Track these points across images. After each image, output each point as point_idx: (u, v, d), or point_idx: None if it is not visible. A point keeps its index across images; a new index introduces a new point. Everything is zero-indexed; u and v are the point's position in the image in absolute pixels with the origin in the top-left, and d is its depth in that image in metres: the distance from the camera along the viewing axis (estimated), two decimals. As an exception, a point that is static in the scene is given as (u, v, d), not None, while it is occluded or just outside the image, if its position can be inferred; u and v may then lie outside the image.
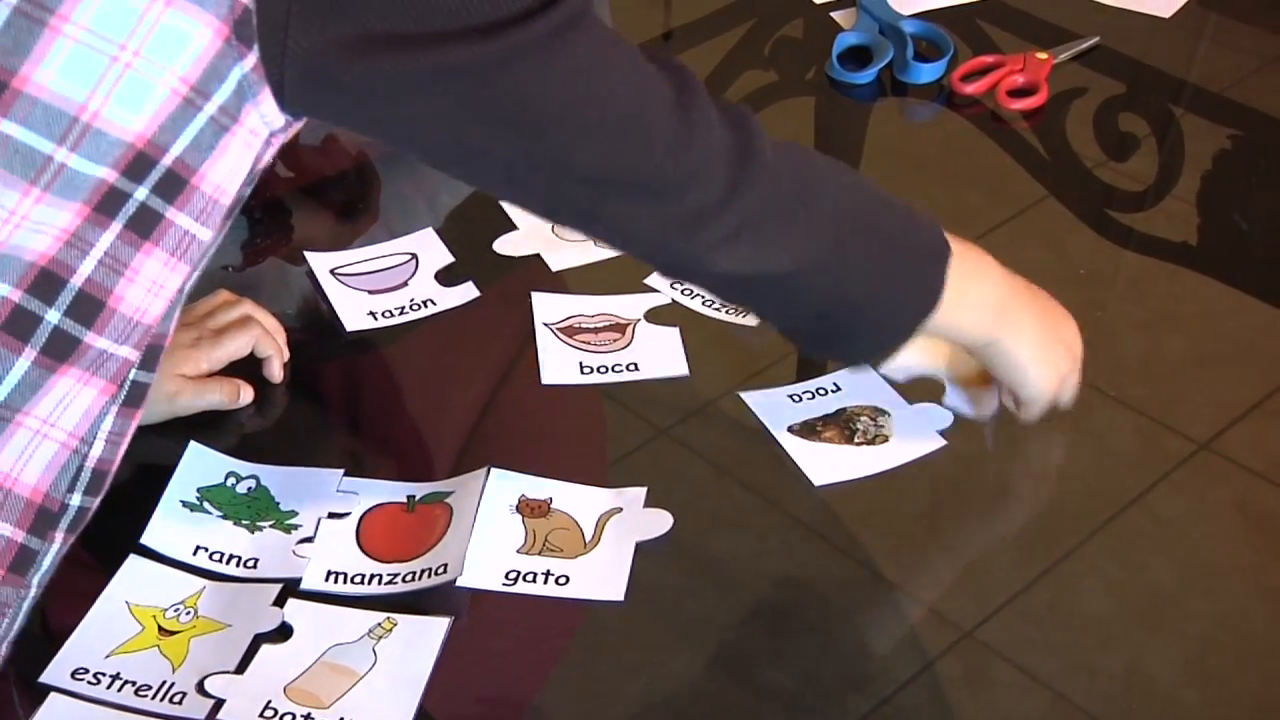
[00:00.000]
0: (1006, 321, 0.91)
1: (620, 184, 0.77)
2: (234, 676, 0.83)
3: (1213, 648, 0.87)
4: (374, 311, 1.10)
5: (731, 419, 1.02)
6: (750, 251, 0.81)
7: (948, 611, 0.89)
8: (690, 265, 0.82)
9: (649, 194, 0.77)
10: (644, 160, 0.76)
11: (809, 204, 0.82)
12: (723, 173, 0.78)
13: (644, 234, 0.80)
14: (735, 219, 0.79)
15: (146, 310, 0.74)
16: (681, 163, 0.77)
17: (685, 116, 0.77)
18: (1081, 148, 1.30)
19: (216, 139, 0.70)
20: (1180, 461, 0.99)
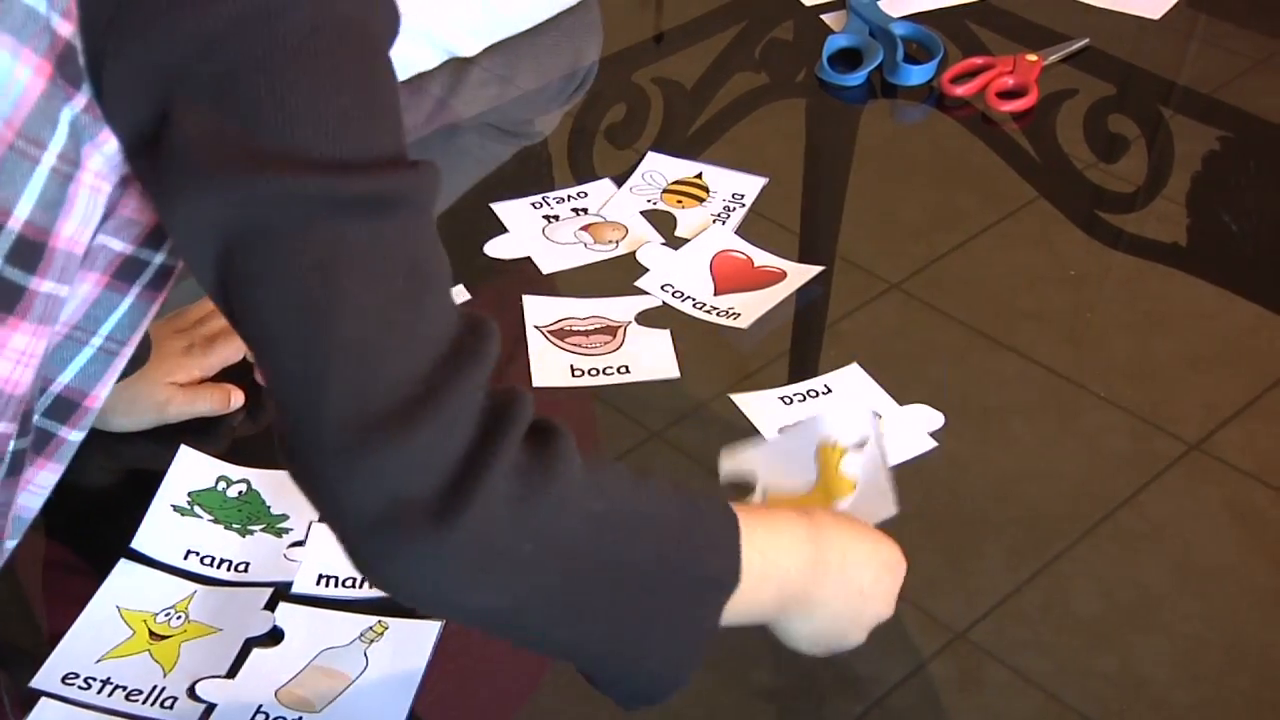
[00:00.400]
0: (790, 613, 0.77)
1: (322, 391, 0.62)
2: (225, 681, 0.83)
3: (1204, 648, 0.87)
4: (365, 314, 1.09)
5: (723, 421, 1.02)
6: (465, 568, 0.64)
7: (940, 613, 0.89)
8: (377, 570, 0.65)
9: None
10: (361, 386, 0.62)
11: (535, 543, 0.64)
12: (434, 477, 0.61)
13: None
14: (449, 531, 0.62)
15: (18, 382, 0.69)
16: (397, 429, 0.61)
17: (432, 381, 0.62)
18: (1071, 149, 1.31)
19: (63, 191, 0.65)
20: (1171, 462, 0.99)
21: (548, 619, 0.68)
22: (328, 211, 0.62)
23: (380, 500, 0.61)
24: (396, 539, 0.62)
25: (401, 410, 0.61)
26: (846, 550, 0.78)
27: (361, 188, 0.63)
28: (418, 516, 0.61)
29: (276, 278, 0.62)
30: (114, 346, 0.75)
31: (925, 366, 1.06)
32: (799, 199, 1.26)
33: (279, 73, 0.62)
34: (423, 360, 0.62)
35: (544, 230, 1.18)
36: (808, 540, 0.76)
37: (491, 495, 0.62)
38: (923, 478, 0.97)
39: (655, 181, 1.24)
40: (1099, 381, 1.05)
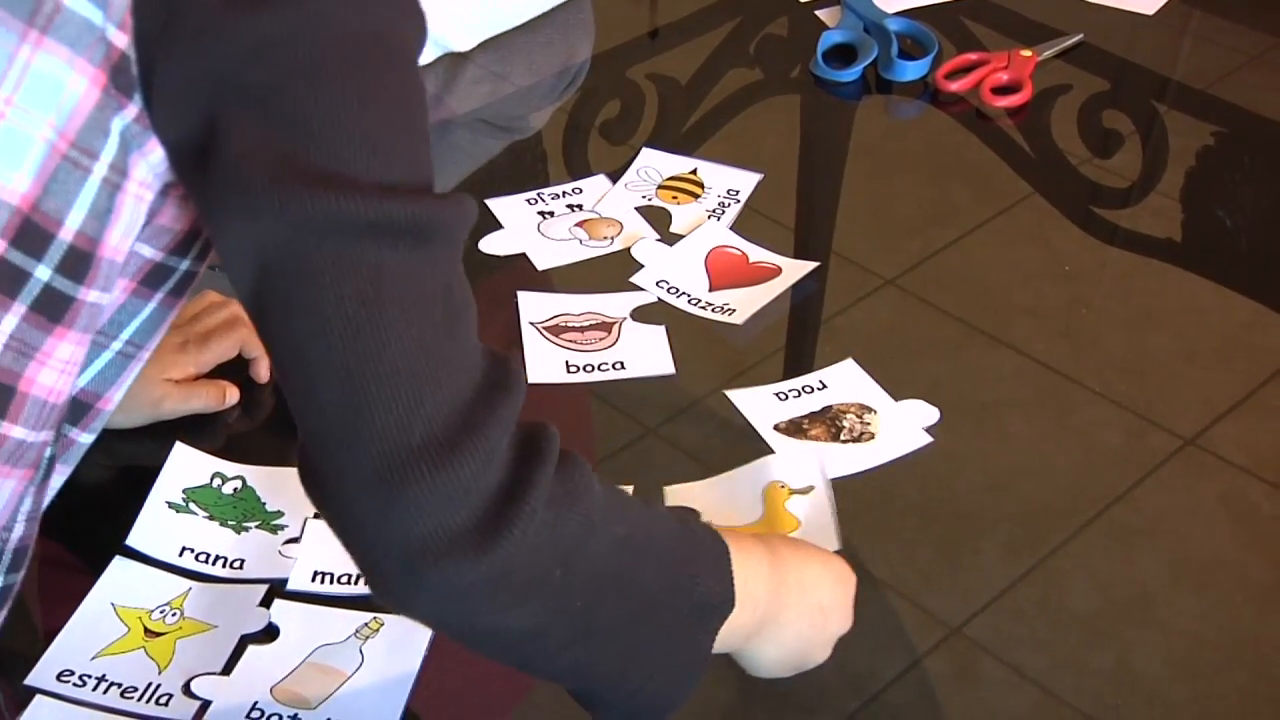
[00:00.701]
0: (756, 638, 0.78)
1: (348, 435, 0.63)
2: (220, 677, 0.83)
3: (1200, 643, 0.87)
4: (359, 311, 1.09)
5: (718, 417, 1.01)
6: (483, 599, 0.65)
7: (936, 608, 0.89)
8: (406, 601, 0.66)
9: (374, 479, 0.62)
10: (390, 427, 0.62)
11: (561, 564, 0.66)
12: (474, 507, 0.62)
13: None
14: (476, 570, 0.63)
15: (61, 391, 0.70)
16: (431, 466, 0.61)
17: (471, 412, 0.62)
18: (1066, 145, 1.31)
19: (112, 200, 0.66)
20: (1167, 457, 0.99)
21: (566, 641, 0.69)
22: (372, 238, 0.62)
23: (421, 531, 0.61)
24: (436, 569, 0.62)
25: (444, 441, 0.61)
26: (803, 570, 0.80)
27: (406, 214, 0.62)
28: (460, 547, 0.61)
29: (317, 305, 0.62)
30: (132, 350, 0.75)
31: (920, 362, 1.06)
32: (794, 195, 1.26)
33: (327, 84, 0.62)
34: (462, 392, 0.63)
35: (539, 226, 1.18)
36: (769, 564, 0.77)
37: (530, 524, 0.63)
38: (918, 473, 0.97)
39: (650, 177, 1.24)
40: (1094, 377, 1.05)
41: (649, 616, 0.71)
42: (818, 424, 1.00)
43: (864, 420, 1.00)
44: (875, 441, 0.98)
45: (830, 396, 1.02)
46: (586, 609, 0.68)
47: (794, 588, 0.78)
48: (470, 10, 1.36)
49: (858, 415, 1.00)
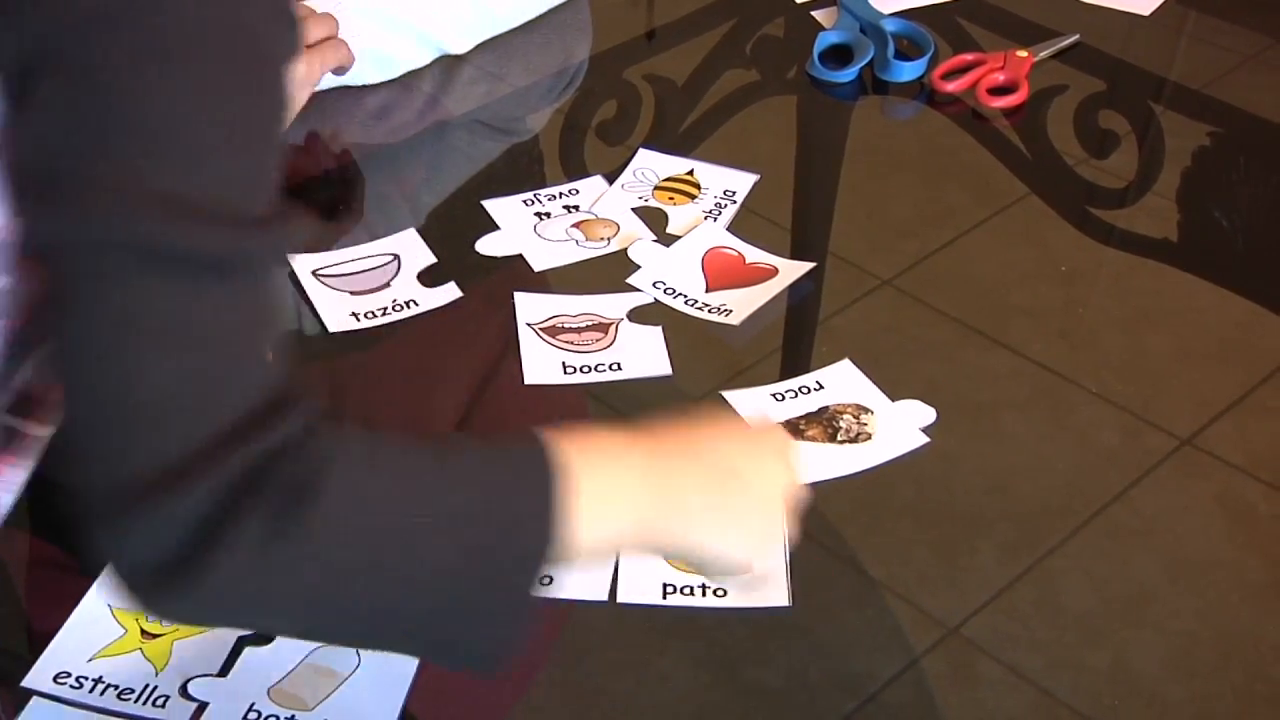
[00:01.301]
0: (663, 529, 0.73)
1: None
2: (217, 679, 0.82)
3: (1196, 643, 0.87)
4: (356, 312, 1.09)
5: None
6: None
7: (932, 609, 0.89)
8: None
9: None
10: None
11: (322, 589, 0.63)
12: (171, 546, 0.60)
13: None
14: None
15: None
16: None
17: (215, 452, 0.60)
18: (1062, 145, 1.31)
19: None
20: (1163, 458, 0.99)
21: (347, 632, 0.68)
22: (147, 265, 0.58)
23: (130, 560, 0.60)
24: (151, 598, 0.61)
25: (160, 480, 0.59)
26: (693, 445, 0.75)
27: (194, 244, 0.59)
28: (166, 578, 0.60)
29: (80, 323, 0.60)
30: None
31: (917, 362, 1.06)
32: (790, 195, 1.26)
33: (151, 70, 0.58)
34: (198, 436, 0.60)
35: (535, 227, 1.18)
36: (643, 456, 0.72)
37: (227, 554, 0.59)
38: (914, 474, 0.97)
39: (647, 178, 1.24)
40: (1091, 377, 1.05)
41: (447, 591, 0.66)
42: (814, 425, 1.00)
43: (861, 421, 1.00)
44: (872, 442, 0.98)
45: (827, 397, 1.02)
46: (356, 607, 0.64)
47: (685, 467, 0.73)
48: (467, 12, 1.36)
49: (854, 416, 1.00)
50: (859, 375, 1.03)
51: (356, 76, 1.28)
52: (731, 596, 0.87)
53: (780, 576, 0.89)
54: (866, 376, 1.03)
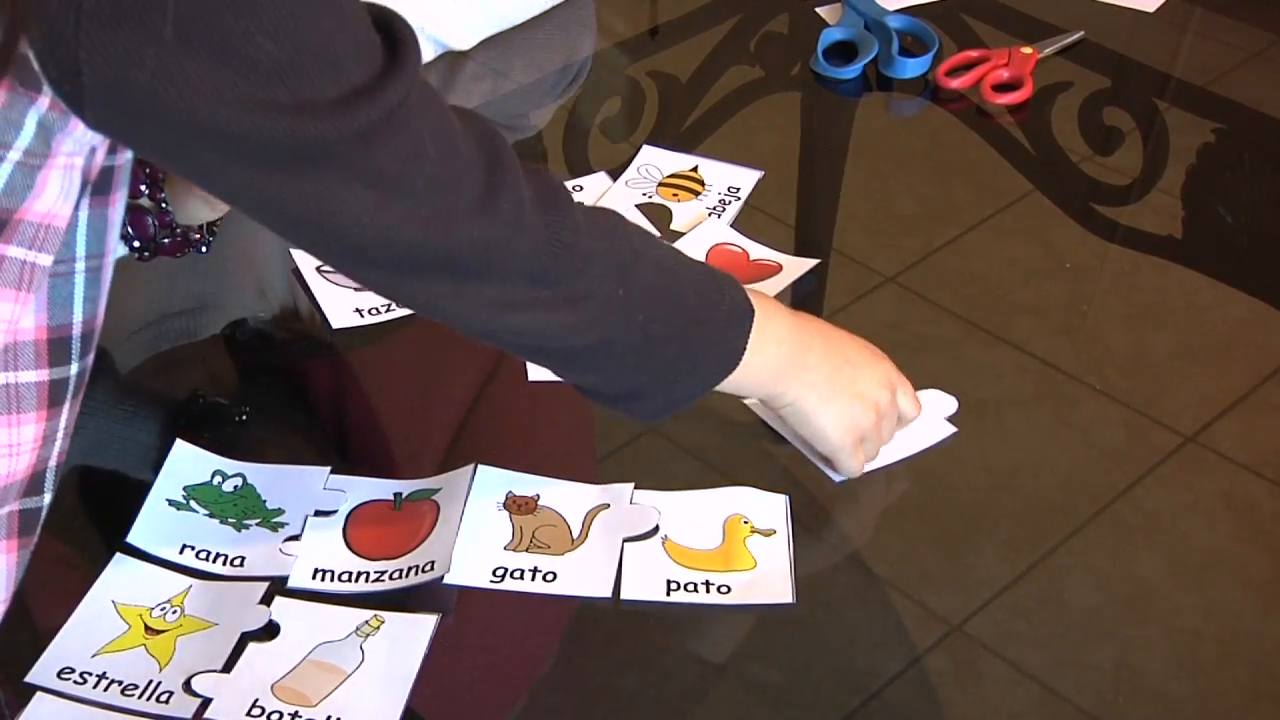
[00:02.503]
0: (790, 380, 0.91)
1: (419, 266, 0.75)
2: (221, 675, 0.83)
3: (1200, 640, 0.87)
4: (360, 308, 1.09)
5: (718, 415, 1.01)
6: (558, 330, 0.81)
7: (935, 606, 0.89)
8: (494, 335, 0.81)
9: (451, 276, 0.76)
10: (443, 246, 0.74)
11: (620, 285, 0.81)
12: (531, 261, 0.77)
13: (449, 311, 0.79)
14: (543, 306, 0.79)
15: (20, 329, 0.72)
16: (486, 253, 0.75)
17: (493, 205, 0.74)
18: (1067, 142, 1.31)
19: (31, 178, 0.67)
20: (1167, 455, 0.99)
21: (627, 349, 0.84)
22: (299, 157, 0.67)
23: None
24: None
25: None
26: (822, 329, 0.94)
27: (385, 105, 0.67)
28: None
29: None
30: (96, 264, 0.75)
31: (921, 359, 1.06)
32: (794, 192, 1.25)
33: None
34: (478, 181, 0.74)
35: (539, 224, 1.17)
36: (787, 312, 0.91)
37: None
38: (918, 471, 0.97)
39: (651, 175, 1.24)
40: (1095, 374, 1.05)
41: (693, 319, 0.85)
42: None
43: None
44: (899, 435, 0.98)
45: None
46: (646, 319, 0.82)
47: (816, 343, 0.92)
48: (471, 8, 1.36)
49: None
50: None
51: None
52: (735, 594, 0.87)
53: (785, 574, 0.89)
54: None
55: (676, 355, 0.85)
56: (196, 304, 1.12)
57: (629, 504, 0.93)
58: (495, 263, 0.75)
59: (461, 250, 0.74)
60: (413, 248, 0.73)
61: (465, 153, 0.74)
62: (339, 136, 0.67)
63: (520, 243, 0.76)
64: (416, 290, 0.77)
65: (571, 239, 0.78)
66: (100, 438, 1.00)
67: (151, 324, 1.11)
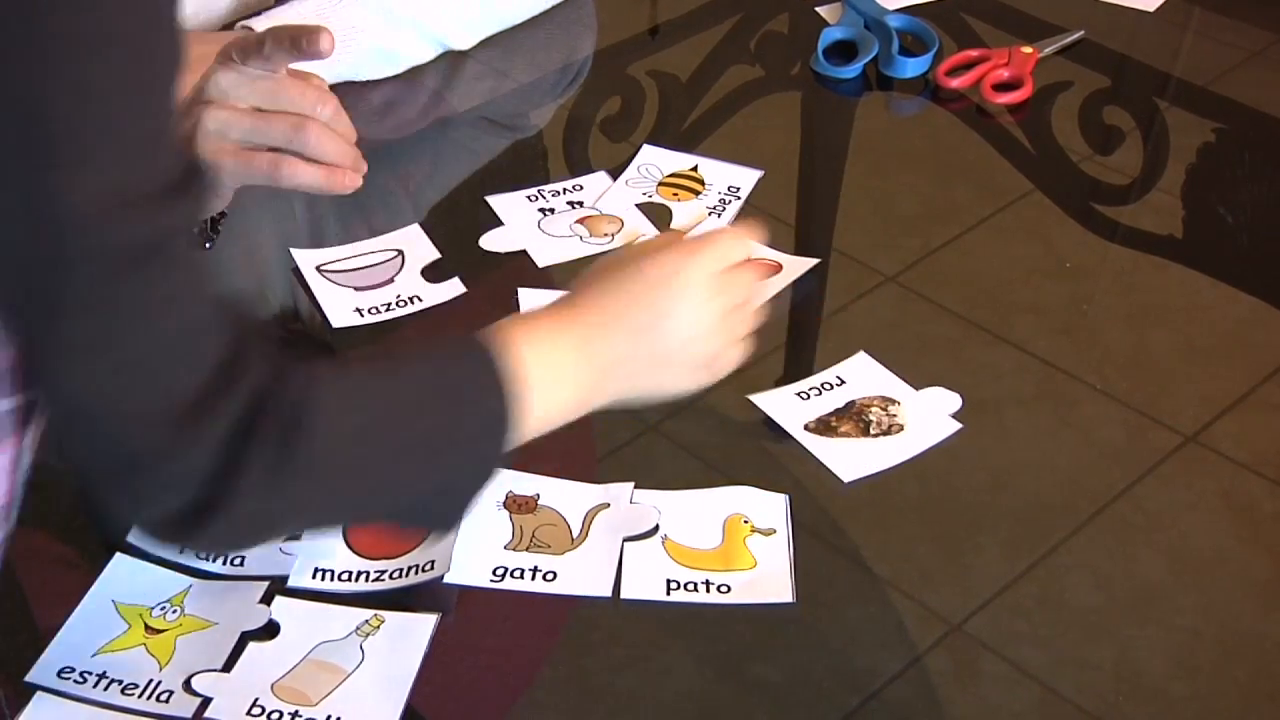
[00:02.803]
0: (604, 392, 0.84)
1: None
2: (221, 674, 0.83)
3: (1200, 640, 0.87)
4: (360, 308, 1.09)
5: (718, 414, 1.01)
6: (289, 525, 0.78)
7: (936, 605, 0.89)
8: None
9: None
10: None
11: (326, 488, 0.72)
12: (188, 495, 0.66)
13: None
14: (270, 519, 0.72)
15: None
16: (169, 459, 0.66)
17: (193, 408, 0.65)
18: (1067, 141, 1.31)
19: None
20: (1167, 454, 0.99)
21: (344, 521, 0.85)
22: (93, 264, 0.61)
23: (149, 516, 0.69)
24: (182, 536, 0.71)
25: (164, 440, 0.65)
26: (617, 306, 0.84)
27: (124, 233, 0.62)
28: (190, 522, 0.67)
29: (59, 298, 0.63)
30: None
31: (922, 359, 1.06)
32: (794, 192, 1.25)
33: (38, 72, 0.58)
34: (184, 396, 0.65)
35: (539, 223, 1.17)
36: (578, 335, 0.82)
37: (240, 493, 0.66)
38: (919, 470, 0.97)
39: (651, 174, 1.24)
40: (1095, 374, 1.05)
41: (429, 461, 0.76)
42: (845, 421, 0.99)
43: (889, 412, 1.00)
44: (905, 433, 0.98)
45: (850, 392, 1.02)
46: (357, 499, 0.75)
47: (615, 336, 0.83)
48: (471, 8, 1.36)
49: (882, 408, 1.00)
50: (878, 367, 1.03)
51: (360, 72, 1.28)
52: (735, 593, 0.87)
53: (785, 574, 0.89)
54: (885, 367, 1.03)
55: (421, 490, 0.77)
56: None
57: (629, 503, 0.93)
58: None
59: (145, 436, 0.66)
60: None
61: (215, 324, 0.67)
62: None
63: (201, 461, 0.66)
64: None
65: (296, 459, 0.68)
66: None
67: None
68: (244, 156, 0.95)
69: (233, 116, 0.94)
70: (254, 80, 0.94)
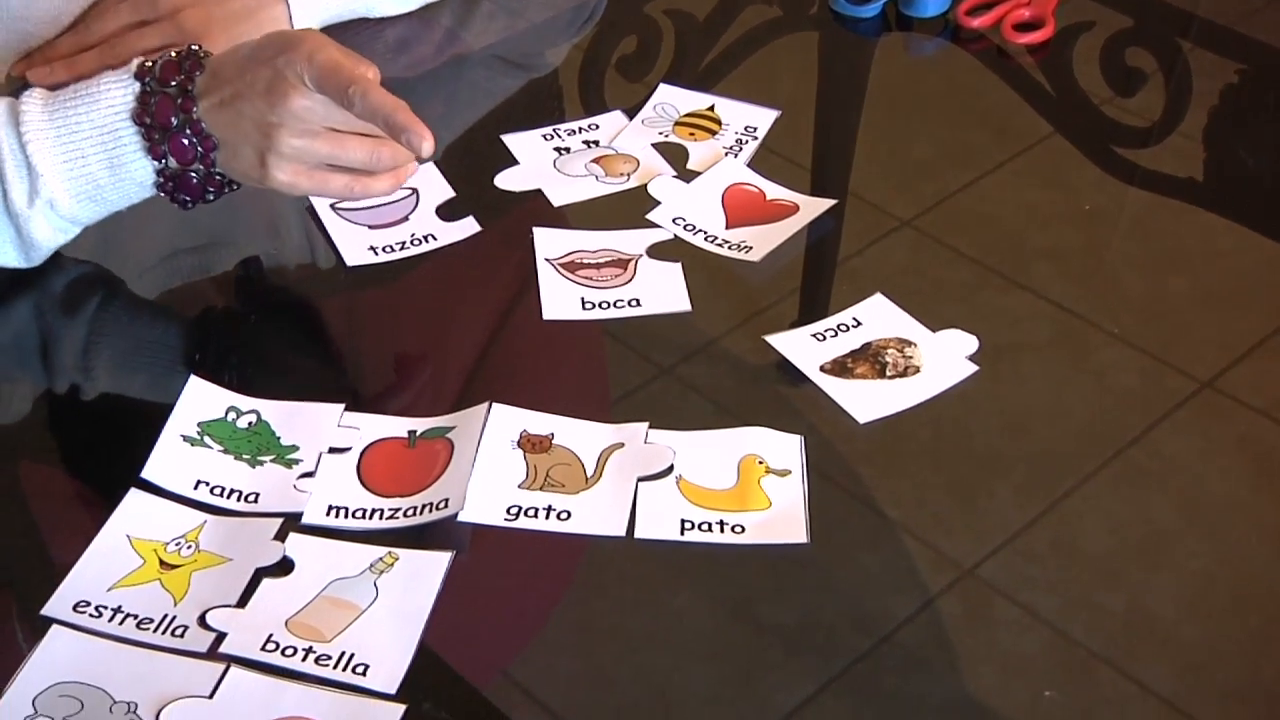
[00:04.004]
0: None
1: None
2: (235, 610, 0.83)
3: (1213, 585, 0.87)
4: (374, 246, 1.09)
5: (732, 357, 1.01)
6: None
7: (948, 550, 0.89)
8: None
9: None
10: None
11: None
12: None
13: None
14: None
15: None
16: None
17: None
18: (1088, 83, 1.29)
19: None
20: (1183, 400, 0.99)
21: None
22: None
23: None
24: None
25: None
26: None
27: None
28: None
29: None
30: None
31: (937, 304, 1.05)
32: (811, 133, 1.25)
33: None
34: None
35: (555, 163, 1.17)
36: None
37: None
38: (932, 415, 0.97)
39: (667, 114, 1.23)
40: (1111, 319, 1.05)
41: None
42: (861, 362, 0.99)
43: (905, 354, 1.00)
44: (922, 375, 0.98)
45: (867, 333, 1.01)
46: None
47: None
48: (487, -56, 1.35)
49: (898, 350, 1.00)
50: (894, 309, 1.02)
51: (375, 8, 1.27)
52: (750, 533, 0.88)
53: (799, 514, 0.89)
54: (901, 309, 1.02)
55: None
56: (209, 240, 1.12)
57: (643, 443, 0.93)
58: None
59: None
60: None
61: None
62: None
63: None
64: None
65: None
66: (114, 374, 1.00)
67: (165, 259, 1.11)
68: (319, 179, 0.97)
69: (310, 145, 0.95)
70: (327, 106, 0.94)
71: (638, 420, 0.94)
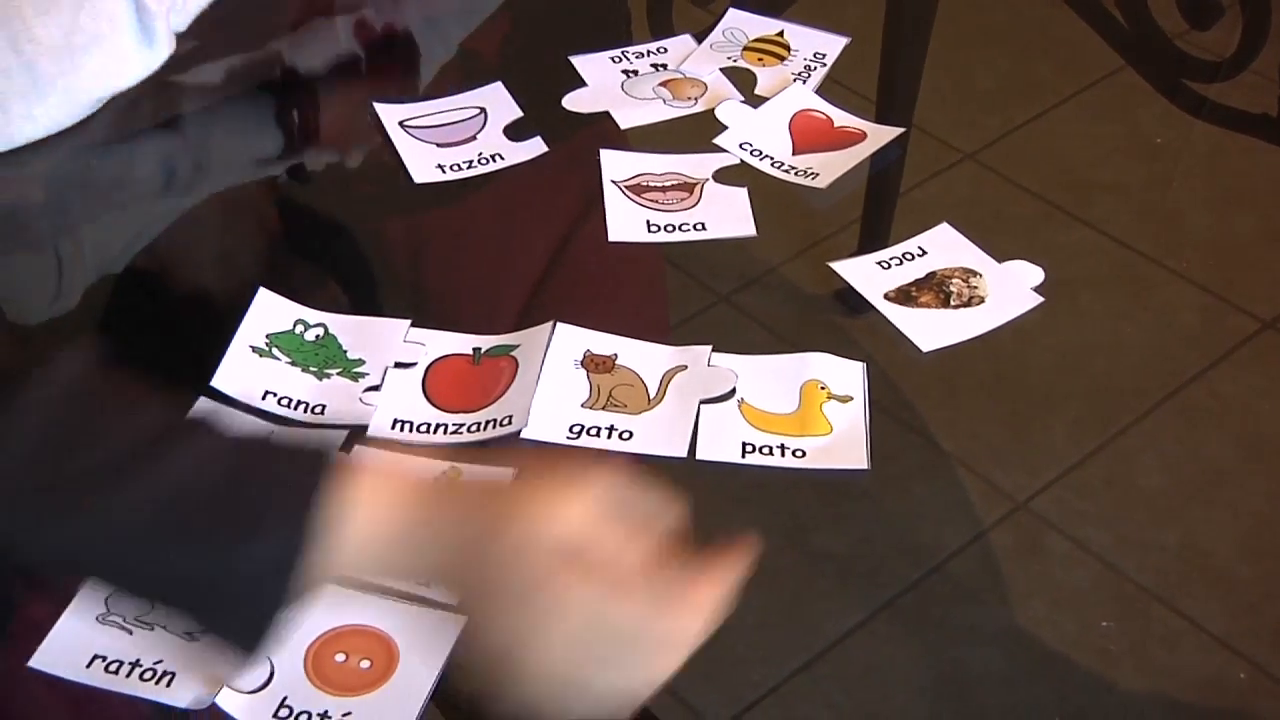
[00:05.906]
0: None
1: None
2: (303, 519, 0.85)
3: (1267, 524, 0.88)
4: (442, 164, 1.10)
5: (789, 286, 1.02)
6: None
7: (1002, 483, 0.90)
8: None
9: None
10: None
11: None
12: None
13: None
14: None
15: None
16: None
17: None
18: (1161, 16, 1.28)
19: None
20: (1244, 340, 0.99)
21: None
22: None
23: None
24: None
25: None
26: None
27: None
28: None
29: None
30: None
31: (997, 238, 1.05)
32: (877, 64, 1.24)
33: None
34: None
35: (623, 85, 1.17)
36: None
37: None
38: (990, 349, 0.97)
39: (736, 39, 1.22)
40: (1173, 256, 1.04)
41: None
42: (925, 291, 0.99)
43: (970, 284, 0.99)
44: (986, 305, 0.98)
45: (932, 262, 1.01)
46: None
47: None
48: None
49: (963, 279, 1.00)
50: (960, 238, 1.02)
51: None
52: (810, 458, 0.88)
53: (860, 441, 0.89)
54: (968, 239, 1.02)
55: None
56: (280, 156, 1.13)
57: (706, 366, 0.94)
58: None
59: None
60: None
61: None
62: None
63: None
64: None
65: None
66: (184, 284, 1.02)
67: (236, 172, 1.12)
68: None
69: None
70: None
71: (697, 342, 0.95)
